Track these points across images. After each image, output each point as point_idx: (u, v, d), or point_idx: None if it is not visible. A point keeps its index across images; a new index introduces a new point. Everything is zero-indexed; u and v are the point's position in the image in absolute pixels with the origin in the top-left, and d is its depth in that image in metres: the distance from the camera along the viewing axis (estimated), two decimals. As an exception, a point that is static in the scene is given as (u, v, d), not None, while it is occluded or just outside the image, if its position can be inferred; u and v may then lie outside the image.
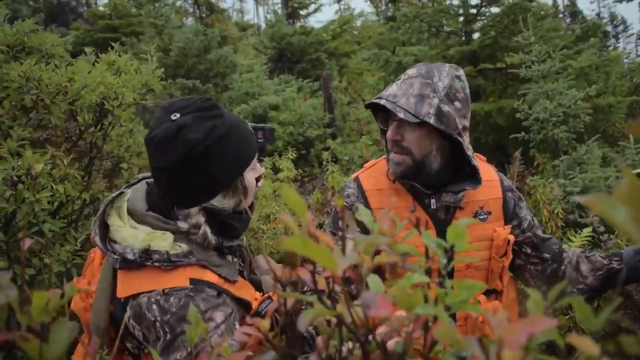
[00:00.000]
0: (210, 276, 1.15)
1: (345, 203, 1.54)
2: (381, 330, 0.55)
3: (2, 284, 0.52)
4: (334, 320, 0.54)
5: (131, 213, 1.19)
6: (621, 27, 32.68)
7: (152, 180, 1.26)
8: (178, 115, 1.14)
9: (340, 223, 1.63)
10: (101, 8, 16.59)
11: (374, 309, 0.41)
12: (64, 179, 1.81)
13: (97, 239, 1.16)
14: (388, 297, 0.49)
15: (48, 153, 1.77)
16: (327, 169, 5.49)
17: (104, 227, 1.19)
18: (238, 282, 1.22)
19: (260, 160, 1.74)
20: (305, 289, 0.58)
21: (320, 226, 1.79)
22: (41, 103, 1.92)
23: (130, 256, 1.11)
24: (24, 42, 2.13)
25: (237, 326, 1.16)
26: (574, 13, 25.87)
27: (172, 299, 1.09)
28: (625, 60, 10.89)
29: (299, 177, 5.95)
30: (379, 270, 1.47)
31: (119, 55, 2.38)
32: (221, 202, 1.20)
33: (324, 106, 9.31)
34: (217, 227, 1.21)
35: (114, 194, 1.25)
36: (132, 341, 1.15)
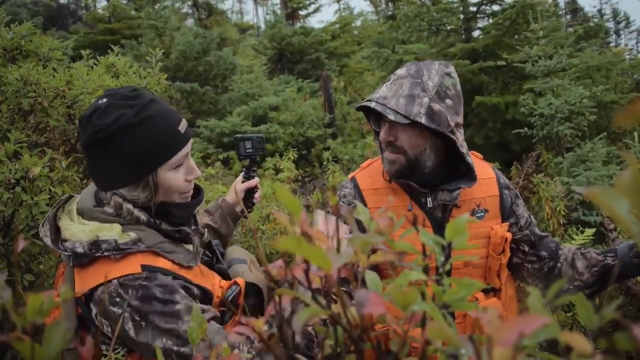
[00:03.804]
0: (162, 262, 1.16)
1: (341, 203, 1.53)
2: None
3: (-3, 285, 0.51)
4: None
5: (81, 212, 1.20)
6: (623, 24, 32.61)
7: None
8: (105, 100, 1.14)
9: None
10: (100, 11, 16.61)
11: (367, 307, 0.40)
12: (63, 181, 1.80)
13: (47, 240, 1.17)
14: (385, 295, 0.48)
15: (46, 156, 1.77)
16: (328, 169, 5.49)
17: (56, 231, 1.20)
18: (195, 269, 1.22)
19: (253, 171, 1.72)
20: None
21: (321, 226, 1.77)
22: (39, 106, 1.92)
23: (79, 249, 1.12)
24: (21, 46, 2.12)
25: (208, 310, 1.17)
26: (575, 10, 25.80)
27: (130, 290, 1.09)
28: (627, 57, 10.87)
29: (300, 177, 5.94)
30: (377, 269, 1.45)
31: (118, 58, 2.38)
32: (130, 192, 1.18)
33: (324, 106, 9.31)
34: (148, 210, 1.21)
35: (64, 198, 1.27)
36: (107, 341, 1.15)
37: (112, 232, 1.14)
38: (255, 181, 1.70)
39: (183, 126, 1.21)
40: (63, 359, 1.18)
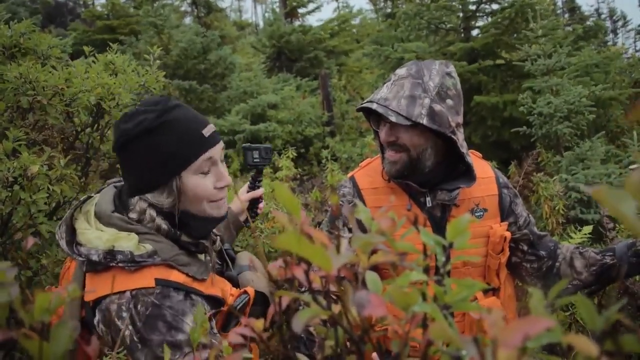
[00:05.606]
0: (176, 276, 1.14)
1: (340, 202, 1.53)
2: None
3: (6, 281, 0.51)
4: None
5: (98, 216, 1.19)
6: (620, 23, 32.60)
7: (120, 184, 1.29)
8: (137, 106, 1.19)
9: (336, 221, 1.62)
10: (99, 8, 16.56)
11: (367, 309, 0.40)
12: (61, 179, 1.79)
13: (62, 243, 1.16)
14: (385, 296, 0.48)
15: (45, 154, 1.76)
16: (326, 168, 5.48)
17: (72, 232, 1.19)
18: (208, 280, 1.21)
19: (258, 181, 1.71)
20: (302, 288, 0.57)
21: (318, 224, 1.79)
22: (37, 104, 1.91)
23: (94, 257, 1.11)
24: (20, 43, 2.11)
25: (214, 324, 1.17)
26: (573, 9, 25.78)
27: (139, 306, 1.08)
28: (625, 55, 10.86)
29: (299, 176, 5.93)
30: (377, 269, 1.45)
31: (117, 56, 2.36)
32: (156, 197, 1.18)
33: (322, 104, 9.29)
34: (170, 219, 1.20)
35: (82, 199, 1.26)
36: (108, 343, 1.14)
37: (129, 242, 1.12)
38: (260, 191, 1.70)
39: (208, 130, 1.20)
40: None
